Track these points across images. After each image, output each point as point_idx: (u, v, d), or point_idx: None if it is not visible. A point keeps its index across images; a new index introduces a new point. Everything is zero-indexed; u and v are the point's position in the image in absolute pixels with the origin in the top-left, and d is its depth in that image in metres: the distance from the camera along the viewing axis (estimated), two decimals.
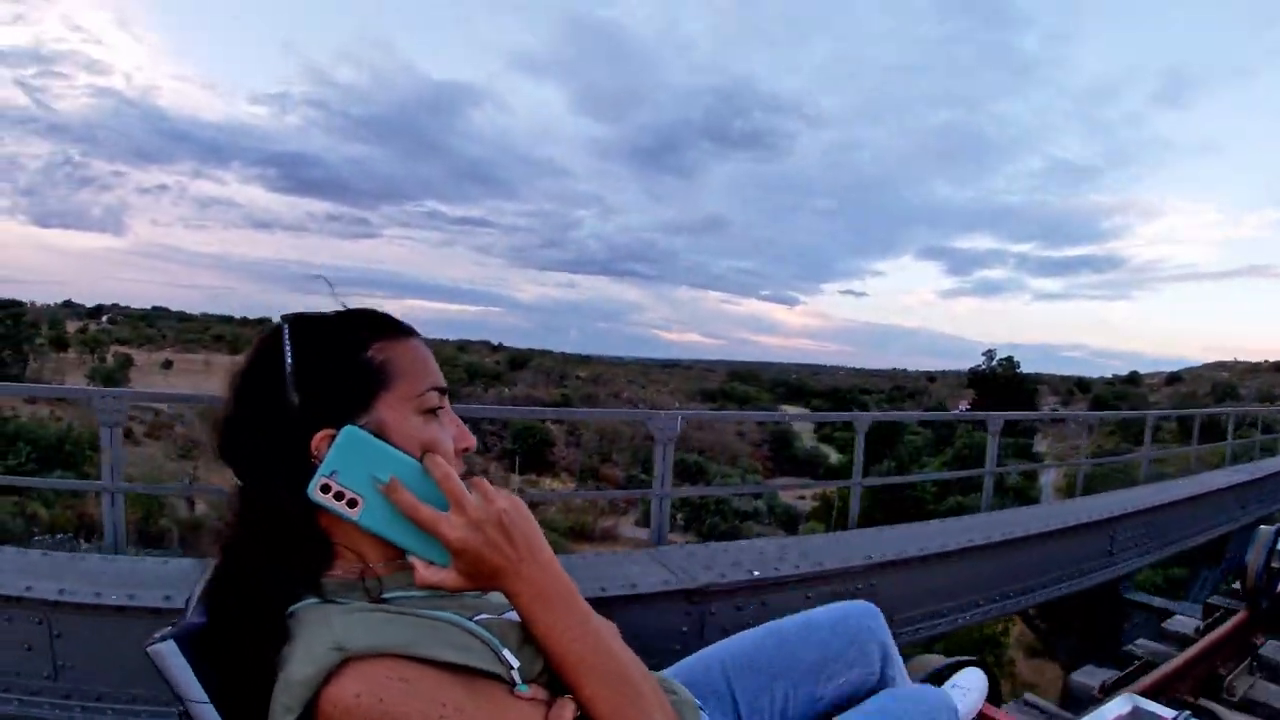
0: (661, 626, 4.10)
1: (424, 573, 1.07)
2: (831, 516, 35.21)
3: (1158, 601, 7.66)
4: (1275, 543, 5.75)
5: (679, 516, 32.27)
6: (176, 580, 3.74)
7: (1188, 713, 2.49)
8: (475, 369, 59.37)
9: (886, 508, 36.83)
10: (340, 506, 1.04)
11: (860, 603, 1.97)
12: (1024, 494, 41.87)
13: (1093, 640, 8.06)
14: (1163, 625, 5.74)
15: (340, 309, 1.20)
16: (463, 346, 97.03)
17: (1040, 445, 70.85)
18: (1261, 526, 6.12)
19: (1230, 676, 4.70)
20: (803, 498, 41.91)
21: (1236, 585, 6.07)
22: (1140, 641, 5.62)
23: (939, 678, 2.44)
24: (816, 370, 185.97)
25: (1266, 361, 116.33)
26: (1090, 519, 6.80)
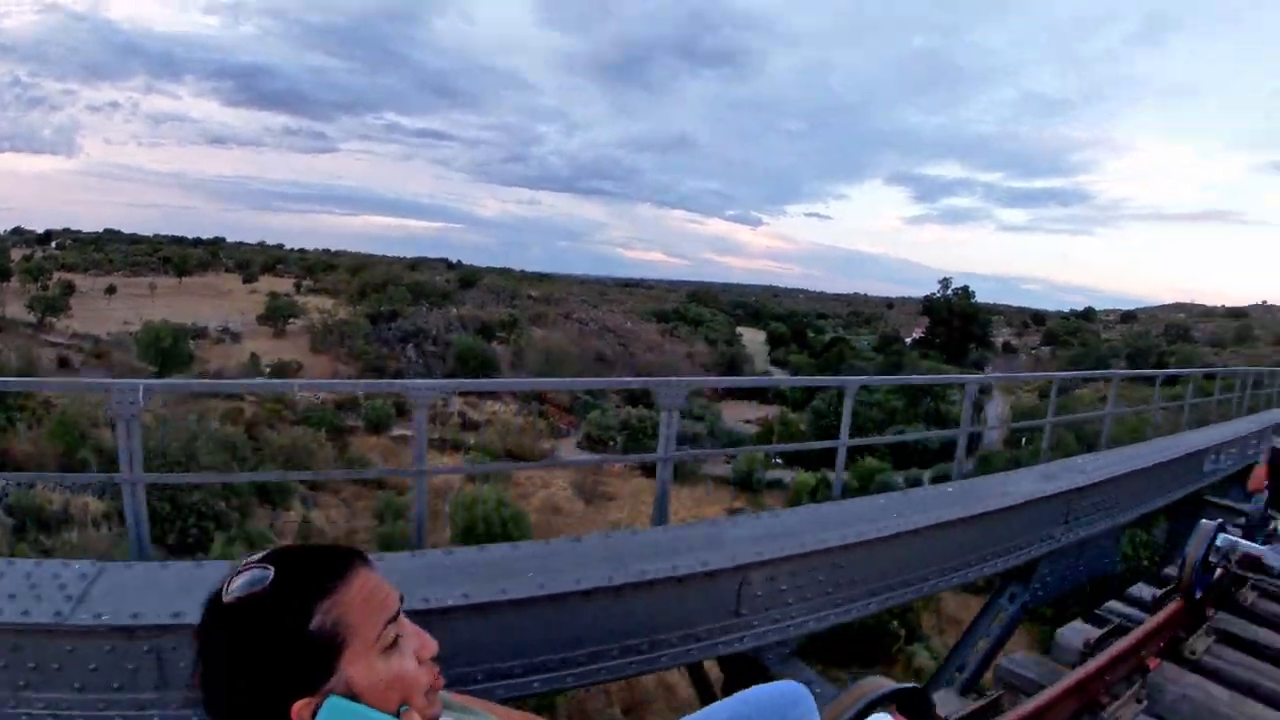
0: None
1: None
2: (771, 440, 35.42)
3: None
4: (1215, 537, 6.02)
5: (617, 439, 32.20)
6: None
7: None
8: (422, 288, 58.24)
9: (828, 435, 37.13)
10: None
11: (790, 684, 2.03)
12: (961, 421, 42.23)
13: None
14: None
15: (274, 572, 1.18)
16: (414, 265, 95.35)
17: (991, 370, 71.79)
18: (1203, 521, 6.30)
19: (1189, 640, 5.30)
20: (748, 421, 42.00)
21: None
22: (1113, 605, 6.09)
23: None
24: (777, 293, 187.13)
25: (1223, 306, 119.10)
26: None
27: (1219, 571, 6.29)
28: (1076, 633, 5.34)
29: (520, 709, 1.84)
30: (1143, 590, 6.24)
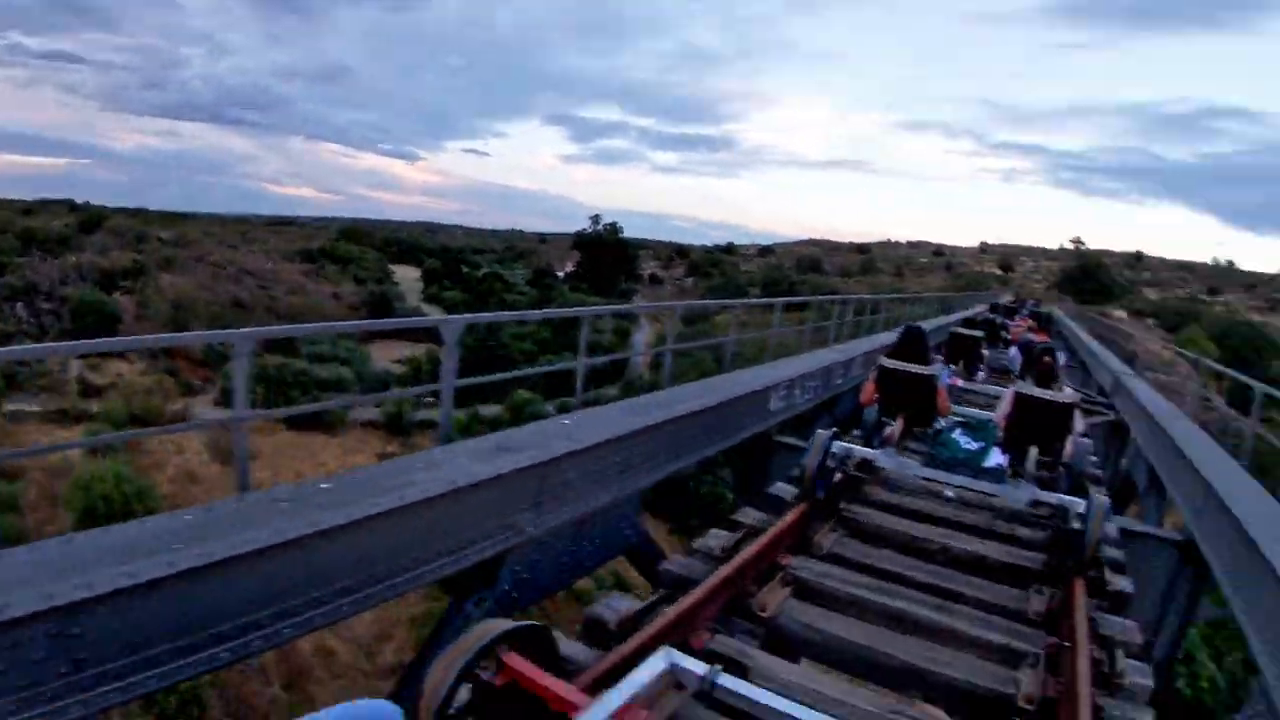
0: None
1: None
2: (419, 378, 35.71)
3: None
4: (830, 445, 7.15)
5: (258, 390, 31.01)
6: None
7: (719, 667, 2.94)
8: (34, 235, 52.00)
9: (475, 370, 37.83)
10: None
11: (381, 703, 2.00)
12: (612, 349, 44.49)
13: None
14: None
15: None
16: (31, 209, 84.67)
17: (639, 300, 75.50)
18: (819, 430, 7.33)
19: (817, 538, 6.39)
20: (399, 361, 41.66)
21: None
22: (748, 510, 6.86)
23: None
24: (434, 229, 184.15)
25: (851, 242, 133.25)
26: None
27: (838, 476, 7.51)
28: None
29: None
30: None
